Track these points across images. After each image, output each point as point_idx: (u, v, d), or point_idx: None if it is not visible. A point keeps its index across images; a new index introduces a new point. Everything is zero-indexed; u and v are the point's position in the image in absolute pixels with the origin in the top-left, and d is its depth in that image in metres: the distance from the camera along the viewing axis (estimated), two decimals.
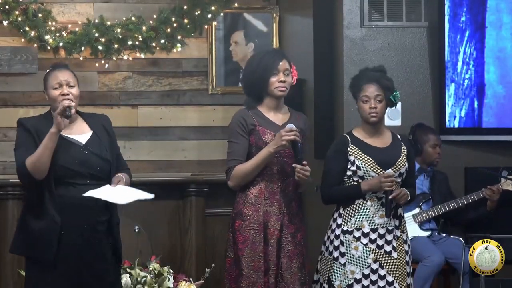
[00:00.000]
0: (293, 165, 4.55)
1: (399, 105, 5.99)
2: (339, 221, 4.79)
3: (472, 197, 6.05)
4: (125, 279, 5.41)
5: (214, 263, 5.74)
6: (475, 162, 6.51)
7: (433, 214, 6.06)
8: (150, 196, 4.40)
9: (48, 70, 4.44)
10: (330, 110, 6.56)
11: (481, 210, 6.11)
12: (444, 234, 6.01)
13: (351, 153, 4.79)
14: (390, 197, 4.69)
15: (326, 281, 4.79)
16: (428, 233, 6.05)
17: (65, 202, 4.28)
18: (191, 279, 5.65)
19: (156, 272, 5.51)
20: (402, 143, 4.89)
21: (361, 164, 4.76)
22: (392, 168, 4.75)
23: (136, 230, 5.71)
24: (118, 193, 4.31)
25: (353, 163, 4.78)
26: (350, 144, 4.81)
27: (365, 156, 4.77)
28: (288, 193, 4.64)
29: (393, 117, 6.32)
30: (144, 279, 5.47)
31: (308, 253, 4.73)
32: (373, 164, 4.76)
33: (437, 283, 6.16)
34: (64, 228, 4.27)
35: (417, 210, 6.06)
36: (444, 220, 6.00)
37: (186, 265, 5.79)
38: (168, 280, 5.50)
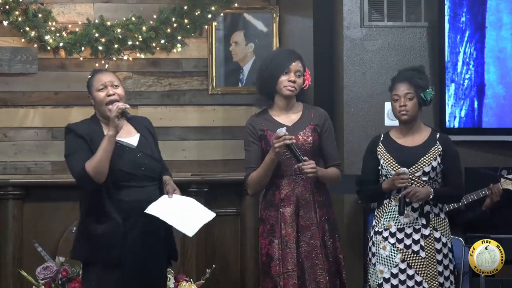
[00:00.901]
0: (296, 166, 4.55)
1: None
2: (373, 222, 4.89)
3: (472, 197, 6.05)
4: None
5: (214, 263, 5.74)
6: (475, 162, 6.51)
7: None
8: (212, 215, 4.45)
9: (89, 76, 4.48)
10: (330, 110, 6.55)
11: (478, 211, 6.11)
12: None
13: (378, 153, 4.87)
14: (399, 195, 4.72)
15: (368, 285, 4.88)
16: None
17: (123, 206, 4.30)
18: (191, 279, 5.65)
19: None
20: (438, 142, 4.89)
21: (384, 163, 4.83)
22: (413, 167, 4.78)
23: None
24: (180, 212, 4.35)
25: (379, 162, 4.85)
26: (379, 143, 4.89)
27: (388, 155, 4.84)
28: (303, 192, 4.63)
29: (392, 117, 6.28)
30: None
31: (336, 251, 4.70)
32: (393, 163, 4.81)
33: None
34: (125, 230, 4.30)
35: None
36: None
37: (186, 265, 5.79)
38: (169, 280, 5.50)
